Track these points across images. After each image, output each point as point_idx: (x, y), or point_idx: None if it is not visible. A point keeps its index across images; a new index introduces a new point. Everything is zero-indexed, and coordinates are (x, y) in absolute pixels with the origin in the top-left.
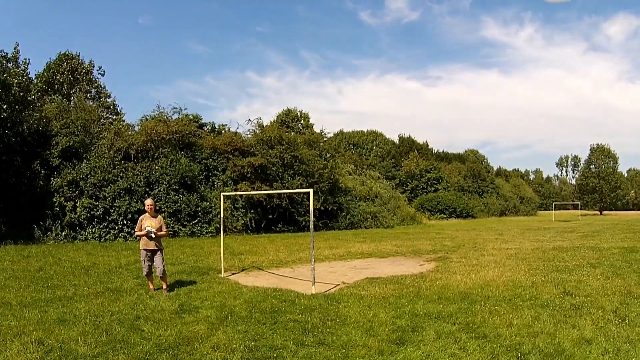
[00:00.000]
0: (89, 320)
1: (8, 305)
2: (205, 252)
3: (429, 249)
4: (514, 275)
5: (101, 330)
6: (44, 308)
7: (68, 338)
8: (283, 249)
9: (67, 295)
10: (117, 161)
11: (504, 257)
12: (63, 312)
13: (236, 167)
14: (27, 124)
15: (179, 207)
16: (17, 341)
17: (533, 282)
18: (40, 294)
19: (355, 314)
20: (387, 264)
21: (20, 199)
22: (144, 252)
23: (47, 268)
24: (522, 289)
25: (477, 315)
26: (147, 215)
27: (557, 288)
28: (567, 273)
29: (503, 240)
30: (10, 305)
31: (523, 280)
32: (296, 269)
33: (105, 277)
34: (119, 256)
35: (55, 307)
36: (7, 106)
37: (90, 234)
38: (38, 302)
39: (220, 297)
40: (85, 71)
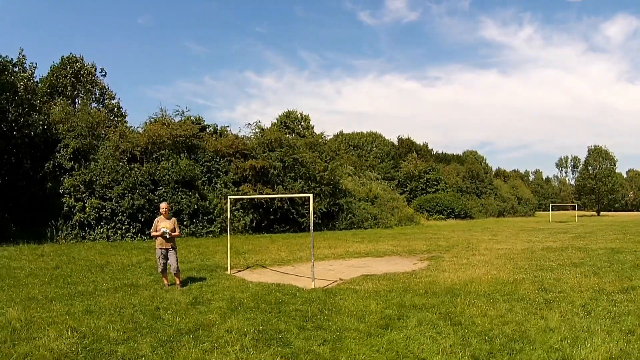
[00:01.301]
0: (113, 311)
1: (35, 299)
2: (211, 252)
3: (424, 249)
4: (499, 273)
5: (126, 319)
6: (69, 301)
7: (97, 326)
8: (284, 248)
9: (88, 290)
10: (123, 162)
11: (493, 256)
12: (88, 304)
13: (238, 169)
14: (35, 126)
15: (181, 208)
16: (51, 329)
17: (514, 280)
18: (62, 290)
19: (349, 305)
20: (382, 263)
21: (30, 200)
22: (160, 251)
23: (63, 266)
24: (503, 285)
25: (457, 307)
26: (162, 217)
27: (535, 285)
28: (549, 272)
29: (496, 241)
30: (37, 300)
31: (505, 278)
32: (297, 267)
33: (120, 274)
34: (130, 255)
35: (79, 301)
36: (15, 109)
37: (98, 233)
38: (62, 297)
39: (229, 291)
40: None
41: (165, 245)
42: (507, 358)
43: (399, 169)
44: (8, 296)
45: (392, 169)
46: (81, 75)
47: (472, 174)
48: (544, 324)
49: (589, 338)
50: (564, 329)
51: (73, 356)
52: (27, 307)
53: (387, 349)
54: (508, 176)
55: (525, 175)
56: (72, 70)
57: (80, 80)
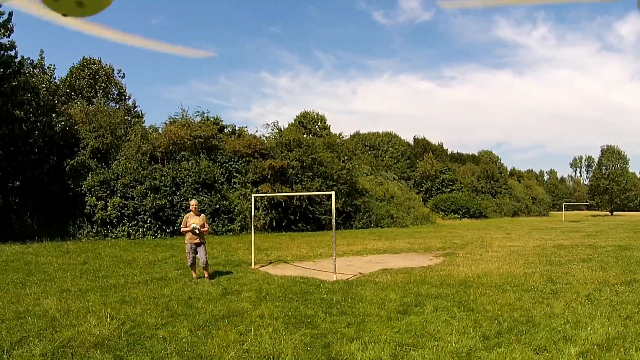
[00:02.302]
0: (147, 300)
1: (68, 291)
2: (234, 248)
3: (439, 246)
4: (510, 267)
5: (161, 308)
6: (103, 293)
7: (135, 314)
8: (304, 245)
9: (119, 283)
10: (144, 163)
11: (506, 253)
12: (122, 295)
13: (257, 169)
14: (56, 127)
15: (202, 207)
16: (91, 317)
17: (524, 273)
18: (94, 283)
19: (370, 294)
20: (399, 259)
21: (52, 199)
22: (189, 245)
23: (90, 262)
24: (513, 278)
25: (470, 296)
26: (192, 213)
27: (543, 277)
28: (558, 266)
29: (509, 239)
30: (71, 292)
31: (516, 272)
32: (318, 263)
33: (148, 268)
34: (154, 252)
35: (113, 292)
36: (36, 109)
37: (120, 231)
38: (95, 289)
39: (256, 283)
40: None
41: (195, 240)
42: (514, 337)
43: (414, 168)
44: (41, 289)
45: (408, 169)
46: (99, 77)
47: (487, 174)
48: (549, 310)
49: (590, 322)
50: (567, 315)
51: (116, 340)
52: (62, 298)
53: (406, 330)
54: (522, 176)
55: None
56: (89, 72)
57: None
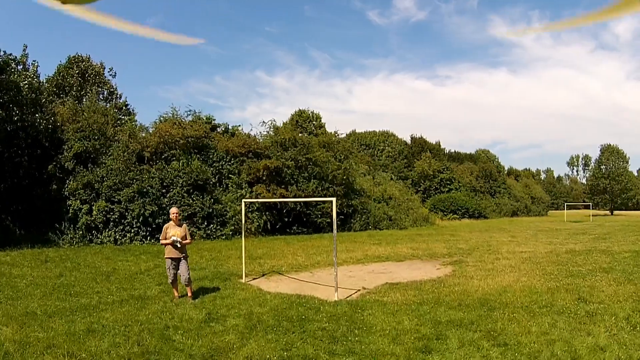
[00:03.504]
0: (117, 330)
1: (33, 314)
2: (224, 256)
3: (445, 252)
4: (530, 280)
5: (132, 341)
6: (70, 317)
7: (99, 350)
8: (300, 252)
9: (92, 303)
10: (131, 163)
11: (518, 261)
12: (90, 321)
13: (251, 169)
14: (40, 126)
15: (193, 210)
16: (48, 355)
17: (548, 288)
18: (64, 303)
19: (380, 322)
20: (404, 268)
21: (35, 203)
22: (170, 261)
23: (67, 274)
24: (538, 295)
25: (497, 323)
26: (172, 223)
27: (572, 294)
28: (581, 278)
29: (517, 243)
30: (36, 315)
31: (539, 286)
32: (315, 274)
33: (127, 283)
34: (138, 261)
35: (81, 317)
36: (19, 108)
37: (106, 237)
38: (63, 312)
39: (246, 305)
40: (96, 73)
41: (176, 255)
42: None
43: (412, 168)
44: (4, 311)
45: (405, 168)
46: (88, 75)
47: (485, 174)
48: (593, 341)
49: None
50: (615, 348)
51: None
52: (24, 324)
53: None
54: (520, 175)
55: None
56: (78, 70)
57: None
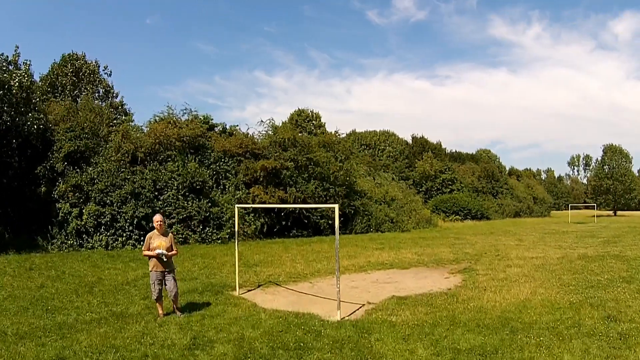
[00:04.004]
0: (90, 358)
1: (3, 335)
2: (218, 264)
3: (451, 258)
4: (548, 292)
5: None
6: (42, 340)
7: None
8: (299, 258)
9: (68, 322)
10: (124, 165)
11: (531, 268)
12: (62, 346)
13: (248, 170)
14: (31, 126)
15: (189, 214)
16: None
17: (571, 303)
18: (38, 320)
19: (391, 351)
20: (410, 277)
21: (24, 205)
22: (155, 275)
23: (49, 285)
24: (562, 312)
25: (524, 351)
26: (156, 233)
27: (598, 311)
28: (602, 290)
29: (525, 247)
30: (5, 336)
31: (559, 300)
32: (315, 284)
33: (110, 296)
34: (126, 269)
35: (54, 339)
36: (9, 108)
37: (97, 241)
38: (35, 332)
39: (237, 326)
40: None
41: (162, 268)
42: None
43: (413, 168)
44: None
45: (407, 169)
46: (82, 74)
47: (487, 174)
48: None
49: None
50: None
51: None
52: None
53: None
54: (521, 175)
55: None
56: (72, 69)
57: (81, 78)
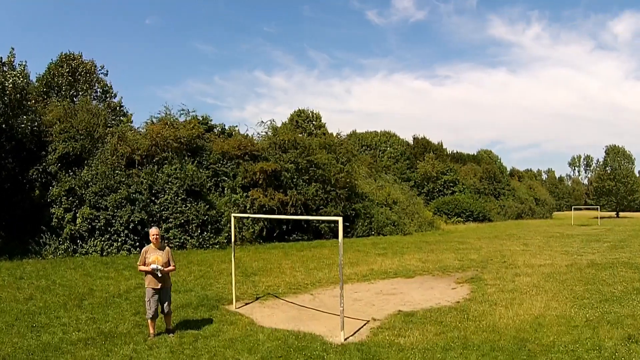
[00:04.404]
0: None
1: None
2: (215, 272)
3: (456, 265)
4: (562, 307)
5: None
6: None
7: None
8: (299, 265)
9: (54, 341)
10: (119, 168)
11: (540, 277)
12: None
13: (247, 172)
14: (25, 128)
15: (186, 218)
16: None
17: (587, 320)
18: (22, 340)
19: None
20: (415, 288)
21: (16, 210)
22: (151, 292)
23: (37, 297)
24: (579, 331)
25: None
26: (152, 247)
27: (617, 330)
28: (617, 303)
29: (531, 253)
30: None
31: (574, 316)
32: (317, 296)
33: (100, 311)
34: (119, 278)
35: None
36: (3, 109)
37: (91, 247)
38: (18, 355)
39: (233, 350)
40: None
41: (157, 285)
42: None
43: (414, 169)
44: None
45: (408, 170)
46: (79, 74)
47: (489, 175)
48: None
49: None
50: None
51: None
52: None
53: None
54: (522, 176)
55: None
56: (69, 68)
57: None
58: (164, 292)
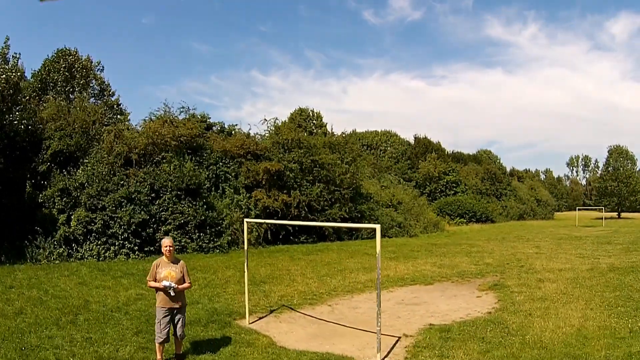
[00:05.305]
0: None
1: None
2: (221, 280)
3: (474, 270)
4: (599, 316)
5: None
6: None
7: None
8: (310, 271)
9: None
10: (117, 167)
11: (565, 283)
12: None
13: (250, 172)
14: (18, 125)
15: (186, 219)
16: None
17: (631, 330)
18: None
19: None
20: (437, 296)
21: (8, 211)
22: (162, 312)
23: (28, 311)
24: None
25: None
26: (165, 260)
27: None
28: None
29: (547, 257)
30: None
31: (616, 327)
32: (334, 308)
33: (97, 329)
34: (117, 287)
35: None
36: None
37: (87, 250)
38: None
39: None
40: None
41: (170, 304)
42: None
43: (415, 169)
44: None
45: (409, 170)
46: (75, 70)
47: (490, 175)
48: None
49: None
50: None
51: None
52: None
53: None
54: (522, 176)
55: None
56: (65, 64)
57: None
58: (178, 312)
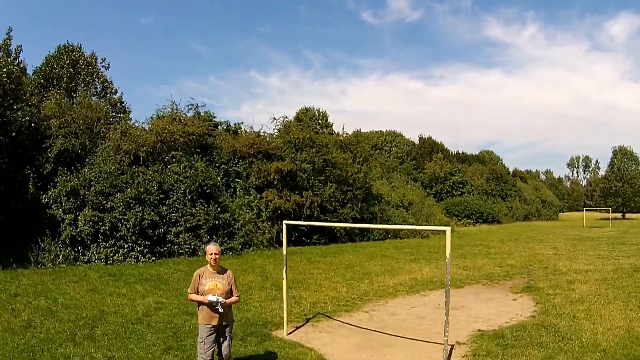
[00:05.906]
0: None
1: None
2: (244, 286)
3: (499, 272)
4: None
5: None
6: None
7: None
8: (332, 273)
9: None
10: (125, 165)
11: (595, 284)
12: None
13: (261, 172)
14: (20, 122)
15: (197, 221)
16: None
17: None
18: None
19: None
20: (472, 299)
21: (11, 212)
22: (207, 329)
23: (37, 323)
24: None
25: None
26: (209, 269)
27: None
28: None
29: (567, 258)
30: None
31: None
32: (372, 314)
33: (118, 345)
34: (132, 294)
35: None
36: None
37: (94, 254)
38: None
39: None
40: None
41: (216, 321)
42: None
43: (421, 170)
44: None
45: (415, 170)
46: (79, 66)
47: (495, 175)
48: None
49: None
50: None
51: None
52: None
53: None
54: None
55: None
56: (69, 60)
57: (78, 71)
58: (224, 329)
